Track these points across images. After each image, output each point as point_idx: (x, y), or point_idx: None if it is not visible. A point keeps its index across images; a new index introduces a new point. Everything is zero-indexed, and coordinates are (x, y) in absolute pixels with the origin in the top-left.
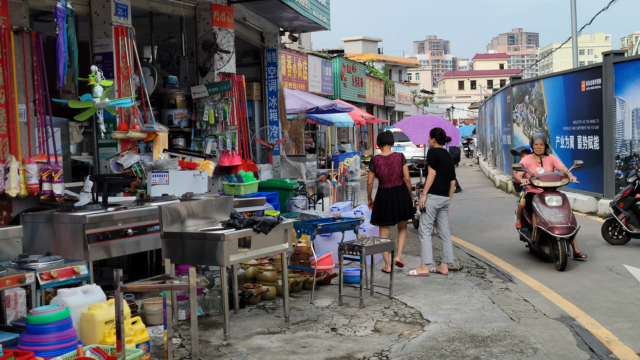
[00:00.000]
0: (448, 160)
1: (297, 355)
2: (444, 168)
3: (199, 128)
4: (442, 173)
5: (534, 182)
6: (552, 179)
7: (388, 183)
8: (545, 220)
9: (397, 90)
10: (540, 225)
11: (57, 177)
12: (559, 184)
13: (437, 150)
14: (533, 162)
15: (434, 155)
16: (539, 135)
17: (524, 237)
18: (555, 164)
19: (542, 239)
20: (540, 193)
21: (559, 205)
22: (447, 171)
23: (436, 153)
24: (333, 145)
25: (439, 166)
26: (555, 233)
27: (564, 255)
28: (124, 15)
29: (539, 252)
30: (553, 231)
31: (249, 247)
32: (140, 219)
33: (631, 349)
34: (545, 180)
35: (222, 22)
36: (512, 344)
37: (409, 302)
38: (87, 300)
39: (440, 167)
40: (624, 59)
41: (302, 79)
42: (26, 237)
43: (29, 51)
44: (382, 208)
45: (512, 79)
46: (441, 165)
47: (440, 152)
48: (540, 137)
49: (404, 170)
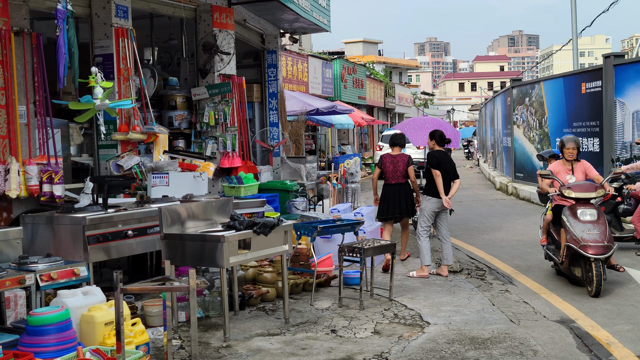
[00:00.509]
0: (448, 161)
1: (297, 357)
2: (444, 170)
3: (199, 130)
4: (443, 175)
5: (565, 193)
6: (585, 189)
7: (392, 180)
8: (577, 237)
9: (398, 92)
10: (571, 243)
11: (57, 179)
12: (593, 195)
13: (437, 153)
14: (563, 168)
15: (435, 158)
16: (571, 139)
17: (550, 255)
18: (588, 171)
19: (573, 258)
20: (572, 205)
21: (594, 220)
22: (448, 173)
23: (436, 155)
24: (333, 147)
25: (440, 168)
26: (588, 253)
27: (599, 279)
28: (124, 17)
29: (569, 274)
30: (586, 250)
31: (249, 249)
32: (141, 221)
33: (631, 352)
34: (578, 191)
35: (222, 24)
36: (512, 346)
37: (408, 304)
38: (87, 302)
39: (441, 169)
40: (625, 61)
41: (302, 81)
42: (26, 239)
43: (30, 52)
44: (387, 204)
45: (513, 81)
46: (442, 167)
47: (440, 154)
48: (573, 140)
49: (409, 171)
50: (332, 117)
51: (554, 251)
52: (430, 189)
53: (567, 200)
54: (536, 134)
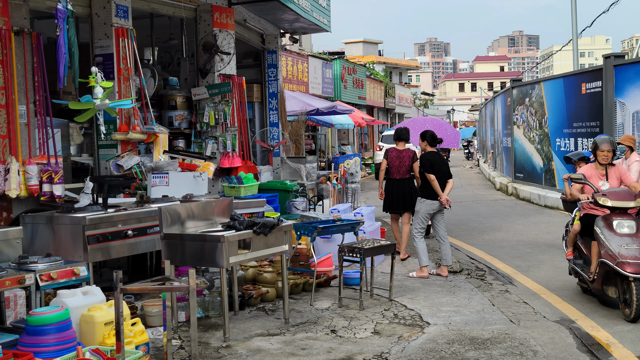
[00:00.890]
0: (442, 162)
1: (297, 357)
2: (439, 171)
3: (199, 129)
4: (437, 177)
5: (599, 200)
6: (623, 197)
7: (396, 174)
8: (613, 253)
9: (398, 92)
10: (606, 259)
11: (57, 178)
12: (632, 204)
13: (429, 155)
14: (595, 173)
15: (428, 162)
16: (606, 139)
17: (577, 271)
18: (624, 177)
19: (607, 276)
20: (606, 215)
21: (633, 233)
22: (442, 174)
23: (429, 158)
24: (333, 147)
25: (434, 170)
26: (627, 271)
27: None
28: (124, 17)
29: (600, 294)
30: (624, 268)
31: (248, 249)
32: (140, 221)
33: (631, 352)
34: (614, 198)
35: (222, 24)
36: (511, 347)
37: (408, 304)
38: (86, 302)
39: (435, 170)
40: (625, 61)
41: (302, 81)
42: (26, 238)
43: (30, 52)
44: (391, 197)
45: (513, 81)
46: (436, 169)
47: (433, 155)
48: (609, 141)
49: (414, 166)
50: (332, 117)
51: (582, 267)
52: (425, 191)
53: (601, 210)
54: (536, 134)
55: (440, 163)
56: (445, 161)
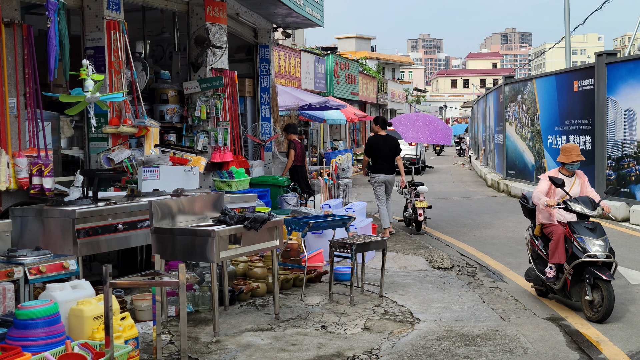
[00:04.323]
0: (383, 144)
1: (287, 352)
2: (379, 152)
3: (190, 124)
4: (379, 156)
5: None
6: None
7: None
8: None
9: (390, 88)
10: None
11: (47, 172)
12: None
13: (373, 140)
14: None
15: (369, 146)
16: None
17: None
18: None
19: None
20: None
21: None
22: (384, 154)
23: (371, 144)
24: (325, 143)
25: (373, 154)
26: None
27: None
28: (116, 9)
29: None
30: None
31: (239, 244)
32: (131, 214)
33: (620, 349)
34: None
35: (215, 18)
36: (502, 343)
37: (399, 301)
38: (76, 296)
39: (375, 153)
40: (617, 59)
41: (295, 76)
42: (15, 232)
43: (20, 44)
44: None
45: (505, 78)
46: (376, 151)
47: (377, 139)
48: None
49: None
50: (325, 113)
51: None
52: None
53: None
54: (528, 131)
55: (382, 146)
56: (389, 143)
